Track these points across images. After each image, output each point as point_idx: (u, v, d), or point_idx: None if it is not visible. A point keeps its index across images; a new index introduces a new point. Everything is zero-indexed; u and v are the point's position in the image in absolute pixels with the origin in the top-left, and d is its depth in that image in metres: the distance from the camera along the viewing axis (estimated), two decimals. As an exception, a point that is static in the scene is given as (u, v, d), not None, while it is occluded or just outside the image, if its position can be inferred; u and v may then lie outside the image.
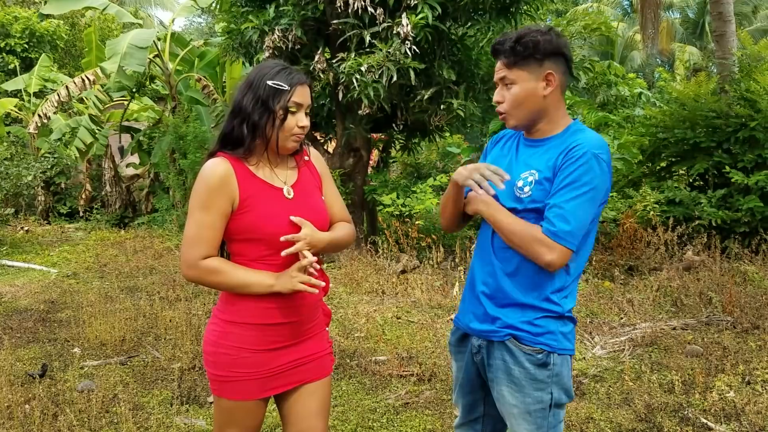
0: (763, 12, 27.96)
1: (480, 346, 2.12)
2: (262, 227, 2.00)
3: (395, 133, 9.08)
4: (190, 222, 2.00)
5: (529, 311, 2.03)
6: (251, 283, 1.99)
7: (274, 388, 2.10)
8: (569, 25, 10.00)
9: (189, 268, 2.00)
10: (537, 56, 2.01)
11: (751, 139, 7.85)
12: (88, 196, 13.57)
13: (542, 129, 2.09)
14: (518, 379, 2.03)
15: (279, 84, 1.99)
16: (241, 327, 2.04)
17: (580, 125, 2.11)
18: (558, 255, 1.92)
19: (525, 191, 2.02)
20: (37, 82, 14.55)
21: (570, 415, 3.72)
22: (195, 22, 35.68)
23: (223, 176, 1.97)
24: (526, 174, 2.04)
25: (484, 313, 2.09)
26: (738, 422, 3.58)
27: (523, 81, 2.02)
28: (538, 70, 2.02)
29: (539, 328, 2.02)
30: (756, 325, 5.13)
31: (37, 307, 6.39)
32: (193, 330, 5.21)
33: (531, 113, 2.05)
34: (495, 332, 2.06)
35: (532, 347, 2.02)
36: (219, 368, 2.06)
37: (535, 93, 2.03)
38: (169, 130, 11.65)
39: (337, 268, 7.57)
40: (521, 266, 2.03)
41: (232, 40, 7.93)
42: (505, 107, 2.06)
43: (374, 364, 4.61)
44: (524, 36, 2.01)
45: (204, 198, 1.97)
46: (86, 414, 3.80)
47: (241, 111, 2.01)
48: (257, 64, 2.09)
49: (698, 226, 7.62)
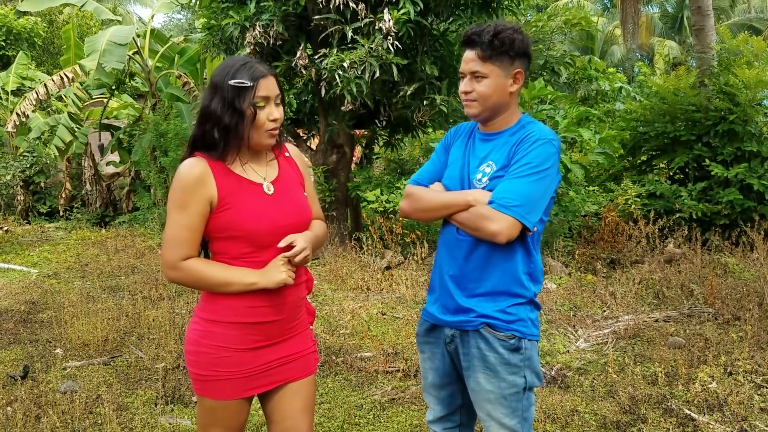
0: (741, 6, 28.26)
1: (453, 335, 2.18)
2: (243, 224, 1.98)
3: (378, 129, 9.07)
4: (169, 223, 1.99)
5: (500, 299, 2.11)
6: (233, 281, 1.98)
7: (257, 387, 2.08)
8: (550, 20, 10.04)
9: (170, 269, 1.99)
10: (510, 54, 2.08)
11: (731, 133, 7.95)
12: (68, 195, 13.42)
13: (498, 122, 2.17)
14: (493, 365, 2.10)
15: (241, 81, 1.95)
16: (223, 326, 2.02)
17: (530, 118, 2.21)
18: (503, 224, 1.98)
19: (483, 182, 2.12)
20: (14, 80, 14.39)
21: (555, 407, 3.74)
22: (175, 19, 35.42)
23: (199, 176, 1.95)
24: (483, 166, 2.14)
25: (455, 304, 2.15)
26: (721, 412, 3.62)
27: (495, 76, 2.09)
28: (509, 67, 2.10)
29: (511, 315, 2.11)
30: (737, 316, 5.19)
31: (18, 308, 6.31)
32: (177, 329, 5.17)
33: (495, 107, 2.13)
34: (468, 322, 2.13)
35: (505, 334, 2.10)
36: (201, 368, 2.05)
37: (503, 89, 2.11)
38: (150, 127, 11.55)
39: (322, 265, 7.55)
40: (488, 255, 2.10)
41: (212, 36, 7.87)
42: (474, 97, 2.11)
43: (360, 360, 4.61)
44: (501, 32, 2.06)
45: (181, 198, 1.96)
46: (69, 415, 3.76)
47: (211, 115, 1.98)
48: (219, 64, 2.06)
49: (679, 219, 7.71)
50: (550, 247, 7.39)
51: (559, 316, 5.46)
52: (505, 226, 1.99)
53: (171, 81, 13.61)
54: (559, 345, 4.79)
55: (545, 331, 5.12)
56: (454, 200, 2.13)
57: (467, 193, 2.11)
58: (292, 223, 2.06)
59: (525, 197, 2.01)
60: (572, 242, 7.85)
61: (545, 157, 2.05)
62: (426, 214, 2.24)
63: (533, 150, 2.05)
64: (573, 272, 6.76)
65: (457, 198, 2.12)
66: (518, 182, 2.02)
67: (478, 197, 2.07)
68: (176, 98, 13.03)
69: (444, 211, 2.15)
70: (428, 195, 2.22)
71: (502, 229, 1.99)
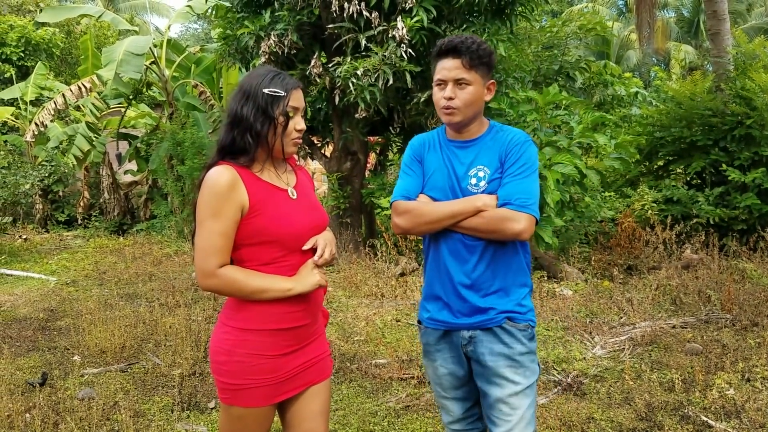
0: (757, 10, 28.03)
1: (471, 336, 2.23)
2: (275, 229, 2.01)
3: (392, 136, 9.08)
4: (202, 232, 1.98)
5: (512, 291, 2.23)
6: (269, 288, 2.00)
7: (285, 392, 2.10)
8: (565, 25, 10.02)
9: (206, 277, 1.98)
10: (489, 65, 2.22)
11: (748, 137, 7.88)
12: (86, 204, 13.57)
13: (473, 129, 2.28)
14: (519, 355, 2.20)
15: (275, 91, 2.01)
16: (256, 333, 2.03)
17: (499, 123, 2.34)
18: (526, 223, 2.10)
19: (481, 186, 2.20)
20: (33, 90, 14.57)
21: (571, 415, 3.72)
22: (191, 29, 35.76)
23: (230, 183, 1.96)
24: (475, 171, 2.22)
25: (470, 306, 2.21)
26: (738, 420, 3.58)
27: (477, 84, 2.20)
28: (486, 77, 2.23)
29: (524, 307, 2.25)
30: (755, 322, 5.14)
31: (37, 315, 6.39)
32: (193, 336, 5.20)
33: (473, 115, 2.24)
34: (490, 320, 2.21)
35: (524, 324, 2.23)
36: (234, 377, 2.04)
37: (482, 97, 2.24)
38: (167, 136, 11.65)
39: (336, 271, 7.57)
40: (497, 254, 2.20)
41: (228, 45, 7.93)
42: (457, 104, 2.19)
43: (374, 367, 4.61)
44: (482, 44, 2.20)
45: (214, 206, 1.96)
46: (87, 422, 3.80)
47: (242, 121, 2.01)
48: (247, 73, 2.10)
49: (696, 225, 7.64)
50: (566, 253, 7.35)
51: (576, 322, 5.43)
52: (528, 224, 2.11)
53: (187, 90, 13.74)
54: (575, 352, 4.77)
55: (561, 338, 5.09)
56: (462, 208, 2.17)
57: (475, 199, 2.16)
58: (315, 225, 2.12)
59: (534, 195, 2.16)
60: (588, 248, 7.81)
61: (534, 157, 2.22)
62: (430, 227, 2.23)
63: (525, 151, 2.19)
64: (589, 278, 6.72)
65: (466, 205, 2.16)
66: (524, 182, 2.15)
67: (488, 202, 2.15)
68: (193, 107, 13.15)
69: (451, 220, 2.18)
70: (429, 207, 2.22)
71: (526, 227, 2.10)
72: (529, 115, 6.74)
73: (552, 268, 7.02)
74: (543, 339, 5.06)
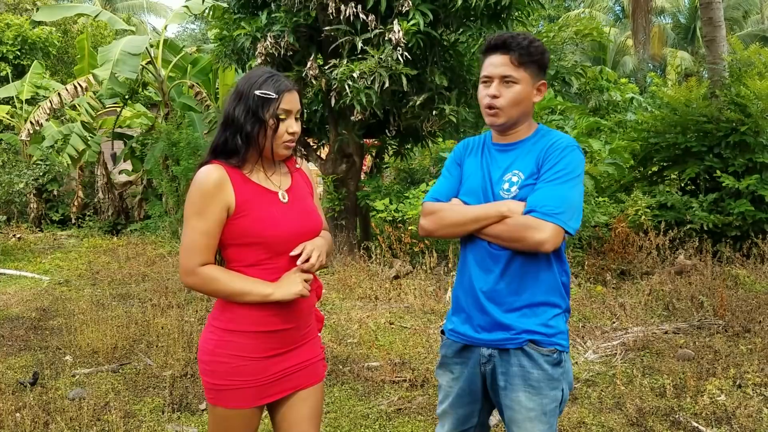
0: (753, 17, 28.16)
1: (491, 355, 2.09)
2: (260, 231, 2.00)
3: (388, 139, 9.09)
4: (187, 230, 2.00)
5: (540, 311, 2.05)
6: (249, 291, 1.99)
7: (271, 395, 2.09)
8: (561, 30, 10.04)
9: (187, 275, 2.01)
10: (540, 64, 2.06)
11: (742, 144, 7.91)
12: (80, 203, 13.54)
13: (518, 132, 2.12)
14: (536, 381, 2.03)
15: (266, 93, 2.00)
16: (241, 335, 2.03)
17: (547, 128, 2.17)
18: (549, 233, 1.93)
19: (512, 191, 2.05)
20: (29, 89, 14.54)
21: (562, 419, 3.72)
22: (188, 29, 35.72)
23: (217, 182, 1.97)
24: (509, 176, 2.07)
25: (492, 321, 2.07)
26: (729, 426, 3.59)
27: (525, 83, 2.04)
28: (537, 77, 2.07)
29: (552, 328, 2.05)
30: (747, 328, 5.15)
31: (29, 314, 6.36)
32: (185, 337, 5.19)
33: (520, 115, 2.08)
34: (510, 340, 2.05)
35: (548, 348, 2.04)
36: (217, 377, 2.04)
37: (530, 97, 2.07)
38: (162, 136, 11.64)
39: (330, 273, 7.56)
40: (525, 266, 2.04)
41: (224, 46, 7.94)
42: (502, 103, 2.04)
43: (367, 370, 4.60)
44: (534, 41, 2.04)
45: (199, 205, 1.97)
46: (77, 422, 3.78)
47: (234, 122, 2.02)
48: (245, 73, 2.10)
49: (690, 230, 7.66)
50: (559, 257, 7.35)
51: (568, 327, 5.43)
52: (552, 234, 1.93)
53: (183, 91, 13.74)
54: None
55: (553, 342, 5.09)
56: (485, 213, 2.04)
57: (500, 205, 2.03)
58: (306, 230, 2.09)
59: (567, 204, 1.96)
60: (582, 253, 7.81)
61: (577, 163, 2.02)
62: (453, 230, 2.13)
63: (565, 156, 2.01)
64: (583, 283, 6.73)
65: (489, 210, 2.04)
66: (558, 189, 1.97)
67: (513, 208, 2.00)
68: (189, 108, 13.15)
69: (474, 225, 2.06)
70: (454, 210, 2.12)
71: (548, 238, 1.93)
72: (524, 120, 6.75)
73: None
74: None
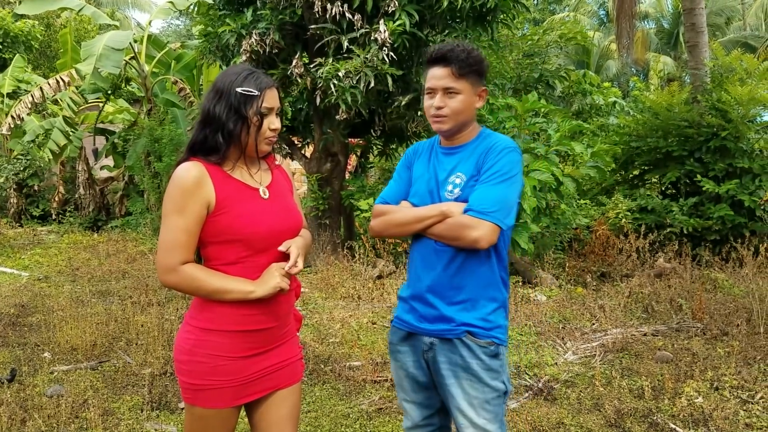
0: (736, 23, 28.48)
1: (432, 343, 2.22)
2: (241, 227, 1.98)
3: (373, 139, 9.09)
4: (165, 227, 1.96)
5: (479, 305, 2.19)
6: (230, 289, 1.97)
7: (249, 395, 2.07)
8: (546, 34, 10.12)
9: (166, 273, 1.96)
10: (479, 72, 2.21)
11: (722, 149, 8.01)
12: (61, 199, 13.41)
13: (463, 136, 2.27)
14: (476, 371, 2.16)
15: (249, 90, 1.99)
16: (219, 334, 2.01)
17: (489, 130, 2.31)
18: (484, 231, 2.06)
19: (455, 193, 2.19)
20: (10, 82, 14.38)
21: (541, 420, 3.75)
22: (172, 25, 35.52)
23: (197, 179, 1.95)
24: (453, 178, 2.22)
25: (436, 313, 2.20)
26: (706, 427, 3.63)
27: (467, 93, 2.19)
28: (477, 85, 2.22)
29: (491, 323, 2.19)
30: (725, 331, 5.22)
31: (7, 311, 6.29)
32: (165, 335, 5.16)
33: (463, 122, 2.23)
34: (450, 330, 2.18)
35: (485, 341, 2.17)
36: (194, 377, 2.02)
37: (472, 105, 2.23)
38: (145, 132, 11.56)
39: (313, 273, 7.55)
40: (466, 262, 2.17)
41: (209, 43, 7.89)
42: (447, 112, 2.19)
43: (348, 369, 4.60)
44: (472, 51, 2.19)
45: (178, 202, 1.94)
46: (55, 419, 3.75)
47: (215, 120, 1.99)
48: (221, 71, 2.08)
49: (669, 234, 7.74)
50: (541, 259, 7.41)
51: (549, 328, 5.48)
52: (486, 232, 2.06)
53: (167, 87, 13.64)
54: (547, 357, 4.80)
55: (534, 343, 5.13)
56: (427, 213, 2.18)
57: (440, 206, 2.17)
58: (286, 228, 2.08)
59: (501, 202, 2.09)
60: (563, 255, 7.87)
61: (513, 164, 2.15)
62: (399, 230, 2.27)
63: (502, 158, 2.14)
64: (563, 284, 6.78)
65: (431, 210, 2.18)
66: (493, 189, 2.11)
67: (452, 208, 2.14)
68: (172, 104, 13.05)
69: (418, 225, 2.20)
70: (400, 212, 2.27)
71: (483, 235, 2.06)
72: (508, 122, 6.79)
73: (527, 273, 7.08)
74: (516, 344, 5.09)
